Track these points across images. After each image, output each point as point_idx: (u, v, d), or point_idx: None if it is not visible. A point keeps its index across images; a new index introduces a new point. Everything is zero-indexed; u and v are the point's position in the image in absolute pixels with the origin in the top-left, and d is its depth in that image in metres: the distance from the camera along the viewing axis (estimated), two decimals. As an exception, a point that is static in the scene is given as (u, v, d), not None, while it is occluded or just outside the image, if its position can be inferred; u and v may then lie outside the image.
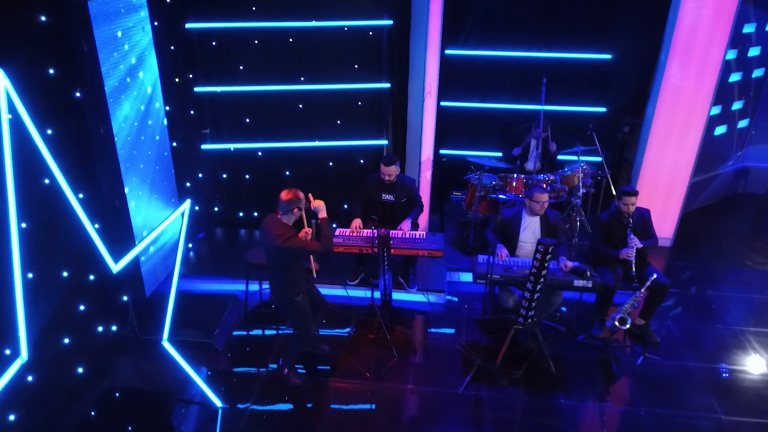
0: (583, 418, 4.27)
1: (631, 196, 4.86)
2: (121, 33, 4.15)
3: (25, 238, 3.26)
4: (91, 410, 4.16)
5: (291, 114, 6.14)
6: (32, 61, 3.64)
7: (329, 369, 4.71)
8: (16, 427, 3.58)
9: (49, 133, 3.84)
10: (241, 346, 5.01)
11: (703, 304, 5.70)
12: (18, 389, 3.58)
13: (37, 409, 3.79)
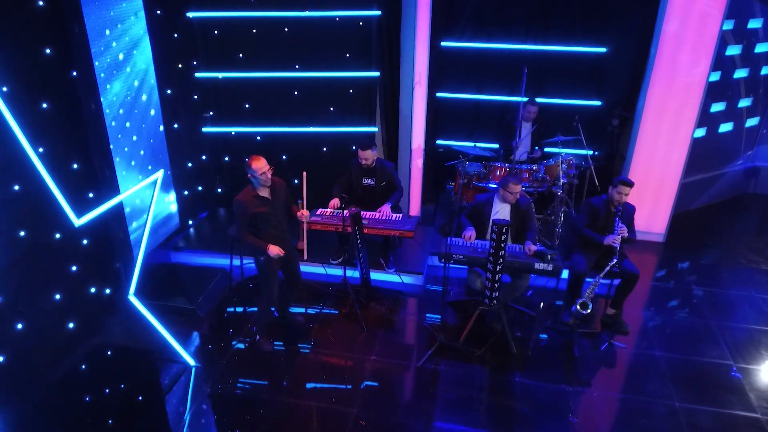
0: (534, 395, 4.39)
1: (627, 186, 4.91)
2: (112, 18, 4.54)
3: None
4: (73, 363, 4.56)
5: (287, 100, 6.45)
6: (30, 41, 4.05)
7: (300, 338, 4.98)
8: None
9: (44, 107, 4.25)
10: (222, 314, 5.34)
11: (684, 299, 5.69)
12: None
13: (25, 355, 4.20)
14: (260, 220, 4.39)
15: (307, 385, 4.47)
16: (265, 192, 4.38)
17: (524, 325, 5.19)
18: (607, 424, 4.13)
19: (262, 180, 4.27)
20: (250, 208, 4.32)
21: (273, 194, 4.44)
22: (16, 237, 4.05)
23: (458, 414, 4.21)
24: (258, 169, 4.23)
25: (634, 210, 5.15)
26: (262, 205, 4.36)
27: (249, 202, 4.32)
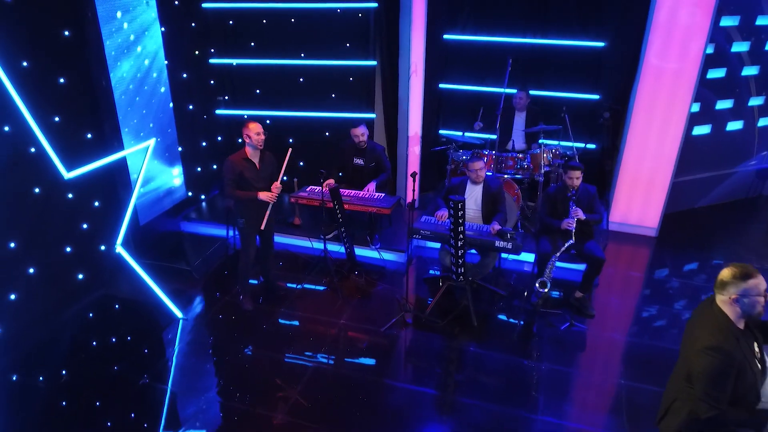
0: (485, 364, 4.65)
1: (576, 170, 5.10)
2: (123, 4, 5.14)
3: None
4: (78, 309, 5.19)
5: (294, 87, 6.93)
6: (49, 23, 4.68)
7: (280, 301, 5.43)
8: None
9: (61, 82, 4.88)
10: (215, 277, 5.86)
11: (660, 289, 5.75)
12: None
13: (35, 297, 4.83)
14: (244, 184, 4.83)
15: (279, 340, 4.91)
16: (255, 157, 4.84)
17: (491, 302, 5.43)
18: (547, 394, 4.33)
19: (256, 141, 4.72)
20: (238, 168, 4.77)
21: (261, 163, 4.89)
22: (32, 193, 4.68)
23: (407, 373, 4.53)
24: (253, 129, 4.69)
25: (594, 191, 5.27)
26: (249, 170, 4.82)
27: (238, 162, 4.79)
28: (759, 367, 2.69)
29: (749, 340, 2.70)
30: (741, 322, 2.67)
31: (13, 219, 4.55)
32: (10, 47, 4.32)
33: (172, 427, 4.02)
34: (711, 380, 2.56)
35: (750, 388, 2.65)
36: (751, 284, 2.58)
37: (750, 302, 2.59)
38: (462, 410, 4.17)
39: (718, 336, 2.60)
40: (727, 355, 2.56)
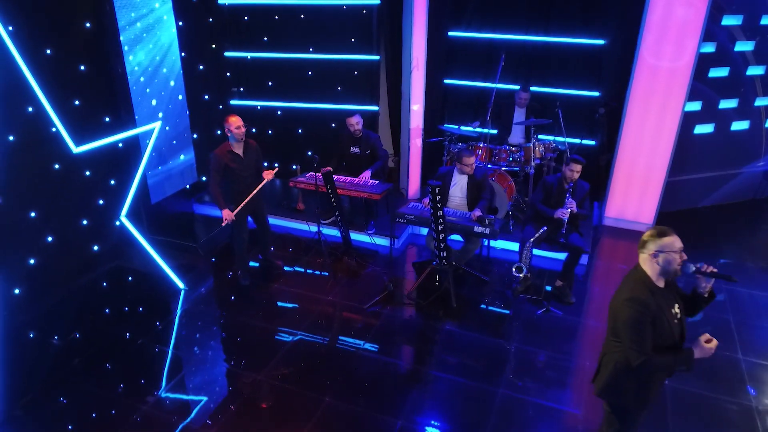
0: (457, 341, 4.90)
1: (578, 164, 5.26)
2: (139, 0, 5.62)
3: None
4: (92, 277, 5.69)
5: (303, 79, 7.31)
6: (71, 15, 5.18)
7: (275, 278, 5.81)
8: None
9: (82, 69, 5.38)
10: (219, 255, 6.29)
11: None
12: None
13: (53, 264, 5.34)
14: (230, 175, 5.21)
15: (269, 312, 5.28)
16: (238, 149, 5.21)
17: (473, 287, 5.65)
18: (512, 371, 4.55)
19: (237, 135, 5.10)
20: (223, 161, 5.14)
21: (245, 153, 5.26)
22: (52, 168, 5.18)
23: (384, 346, 4.82)
24: (233, 123, 5.06)
25: (588, 188, 5.43)
26: (233, 161, 5.19)
27: (223, 155, 5.16)
28: (677, 323, 2.89)
29: (669, 299, 2.91)
30: (660, 280, 2.88)
31: (35, 191, 5.05)
32: (35, 36, 4.83)
33: (169, 381, 4.43)
34: (632, 328, 2.79)
35: (666, 343, 2.85)
36: (666, 241, 2.82)
37: (666, 258, 2.81)
38: (429, 381, 4.43)
39: (635, 289, 2.84)
40: (642, 304, 2.78)
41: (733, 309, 5.33)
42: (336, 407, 4.17)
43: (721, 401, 4.24)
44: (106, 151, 5.47)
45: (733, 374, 4.50)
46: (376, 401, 4.22)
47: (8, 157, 4.67)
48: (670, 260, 2.82)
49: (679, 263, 2.84)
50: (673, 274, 2.86)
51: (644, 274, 2.89)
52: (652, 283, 2.87)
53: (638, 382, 2.96)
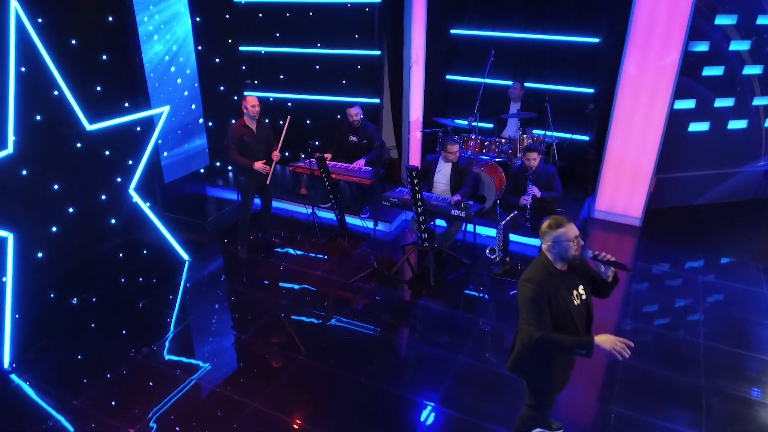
0: (428, 314, 5.26)
1: (532, 152, 5.58)
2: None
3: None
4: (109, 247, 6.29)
5: (311, 73, 7.78)
6: (94, 9, 5.79)
7: (272, 253, 6.29)
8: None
9: (104, 58, 5.99)
10: (224, 232, 6.81)
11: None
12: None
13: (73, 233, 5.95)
14: (243, 148, 5.75)
15: (263, 283, 5.77)
16: (252, 125, 5.77)
17: (453, 269, 5.98)
18: (475, 342, 4.87)
19: (252, 112, 5.69)
20: (239, 133, 5.73)
21: (258, 129, 5.79)
22: (75, 146, 5.79)
23: (360, 315, 5.23)
24: (249, 101, 5.70)
25: (553, 170, 5.70)
26: (247, 135, 5.75)
27: (239, 128, 5.75)
28: (577, 305, 3.13)
29: (571, 282, 3.15)
30: (560, 264, 3.12)
31: (58, 166, 5.67)
32: (62, 28, 5.44)
33: (173, 339, 4.96)
34: (530, 306, 3.05)
35: (566, 322, 3.09)
36: (561, 232, 3.05)
37: (562, 246, 3.06)
38: (395, 346, 4.81)
39: (533, 270, 3.11)
40: (538, 284, 3.03)
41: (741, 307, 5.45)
42: (308, 364, 4.60)
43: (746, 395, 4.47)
44: (125, 134, 6.05)
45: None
46: (345, 361, 4.63)
47: (34, 134, 5.28)
48: (566, 248, 3.03)
49: (576, 250, 3.05)
50: (571, 260, 3.09)
51: (546, 258, 3.11)
52: (552, 267, 3.09)
53: (540, 358, 3.21)
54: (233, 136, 5.77)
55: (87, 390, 4.32)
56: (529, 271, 3.13)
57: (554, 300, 3.04)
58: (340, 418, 4.07)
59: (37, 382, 4.42)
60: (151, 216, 5.89)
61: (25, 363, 4.62)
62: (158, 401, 4.21)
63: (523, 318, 3.12)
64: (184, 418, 4.06)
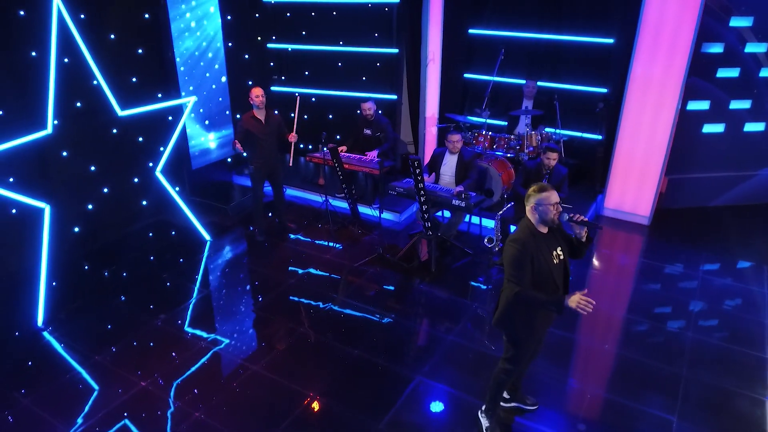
0: (425, 297, 5.56)
1: (553, 152, 5.78)
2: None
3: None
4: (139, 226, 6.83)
5: (334, 70, 8.17)
6: (133, 6, 6.34)
7: (286, 237, 6.70)
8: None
9: (140, 52, 6.53)
10: (244, 216, 7.26)
11: (620, 266, 6.21)
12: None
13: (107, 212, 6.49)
14: (252, 138, 6.16)
15: (275, 263, 6.19)
16: (260, 115, 6.16)
17: (458, 259, 6.24)
18: (467, 323, 5.12)
19: (256, 102, 6.07)
20: (246, 124, 6.13)
21: (266, 120, 6.19)
22: (111, 132, 6.33)
23: (360, 293, 5.56)
24: (253, 92, 6.08)
25: (565, 172, 5.89)
26: (255, 125, 6.14)
27: (247, 120, 6.15)
28: (556, 264, 3.42)
29: (551, 243, 3.45)
30: (542, 227, 3.43)
31: (95, 149, 6.22)
32: (102, 23, 5.99)
33: (188, 309, 5.43)
34: (512, 264, 3.35)
35: (546, 279, 3.39)
36: (543, 196, 3.37)
37: (543, 209, 3.36)
38: (390, 323, 5.12)
39: (519, 233, 3.42)
40: (522, 245, 3.34)
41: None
42: (307, 335, 4.97)
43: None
44: (157, 122, 6.57)
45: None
46: (341, 335, 4.97)
47: (75, 119, 5.84)
48: (546, 211, 3.36)
49: (554, 214, 3.37)
50: (550, 223, 3.41)
51: (529, 221, 3.44)
52: (534, 229, 3.42)
53: (521, 314, 3.51)
54: (239, 126, 6.19)
55: (108, 348, 4.80)
56: (516, 233, 3.45)
57: (536, 259, 3.36)
58: (332, 383, 4.41)
59: (65, 339, 4.93)
60: (176, 198, 6.38)
61: (56, 323, 5.15)
62: (170, 361, 4.65)
63: (506, 276, 3.43)
64: (191, 376, 4.48)
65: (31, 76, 5.26)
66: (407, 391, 4.33)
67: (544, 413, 4.13)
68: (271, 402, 4.24)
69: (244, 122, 6.15)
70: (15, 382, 4.40)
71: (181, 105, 6.39)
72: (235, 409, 4.16)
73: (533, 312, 3.52)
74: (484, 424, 3.93)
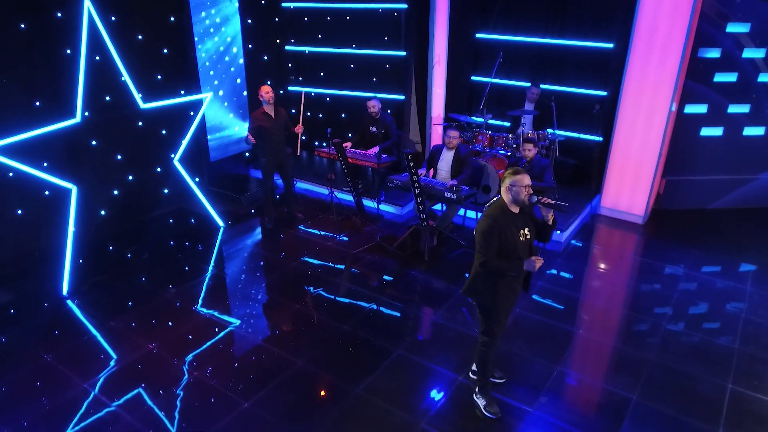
0: (415, 282, 5.92)
1: (528, 143, 6.12)
2: (210, 1, 7.27)
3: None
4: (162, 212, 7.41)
5: (347, 71, 8.64)
6: (159, 10, 6.93)
7: (293, 225, 7.18)
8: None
9: (165, 52, 7.12)
10: (257, 206, 7.77)
11: (606, 259, 6.46)
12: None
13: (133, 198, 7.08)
14: (262, 132, 6.66)
15: (281, 248, 6.66)
16: (269, 110, 6.67)
17: (451, 250, 6.59)
18: (451, 306, 5.47)
19: (266, 99, 6.58)
20: (257, 120, 6.64)
21: (275, 115, 6.69)
22: (136, 125, 6.93)
23: (358, 279, 5.97)
24: (263, 90, 6.60)
25: (546, 163, 6.20)
26: (265, 120, 6.65)
27: (258, 116, 6.66)
28: (522, 241, 3.77)
29: (520, 222, 3.80)
30: (513, 206, 3.78)
31: (123, 140, 6.82)
32: (131, 25, 6.59)
33: (198, 285, 5.95)
34: (482, 235, 3.73)
35: (511, 253, 3.75)
36: (517, 178, 3.72)
37: (516, 190, 3.72)
38: (379, 304, 5.51)
39: (492, 209, 3.80)
40: (493, 219, 3.72)
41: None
42: (302, 311, 5.41)
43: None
44: (179, 116, 7.13)
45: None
46: (333, 312, 5.39)
47: (104, 111, 6.43)
48: (518, 192, 3.72)
49: (524, 195, 3.73)
50: (521, 203, 3.77)
51: (503, 201, 3.81)
52: (506, 207, 3.79)
53: (488, 282, 3.86)
54: (252, 123, 6.72)
55: (122, 316, 5.34)
56: (489, 209, 3.85)
57: (503, 234, 3.74)
58: (320, 352, 4.84)
59: (86, 307, 5.50)
60: (193, 186, 6.92)
61: (79, 293, 5.72)
62: (176, 328, 5.15)
63: (476, 247, 3.82)
64: (195, 340, 4.97)
65: (65, 71, 5.86)
66: (386, 362, 4.71)
67: (511, 386, 4.46)
68: (263, 366, 4.69)
69: (255, 118, 6.66)
70: (40, 342, 4.97)
71: (200, 100, 6.92)
72: (229, 371, 4.62)
73: (497, 281, 3.86)
74: (480, 403, 4.22)
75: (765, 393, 4.37)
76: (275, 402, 4.30)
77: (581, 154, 7.85)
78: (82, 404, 4.28)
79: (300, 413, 4.20)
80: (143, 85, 6.48)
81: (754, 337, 5.00)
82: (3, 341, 4.99)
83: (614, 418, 4.14)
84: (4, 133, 5.21)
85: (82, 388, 4.43)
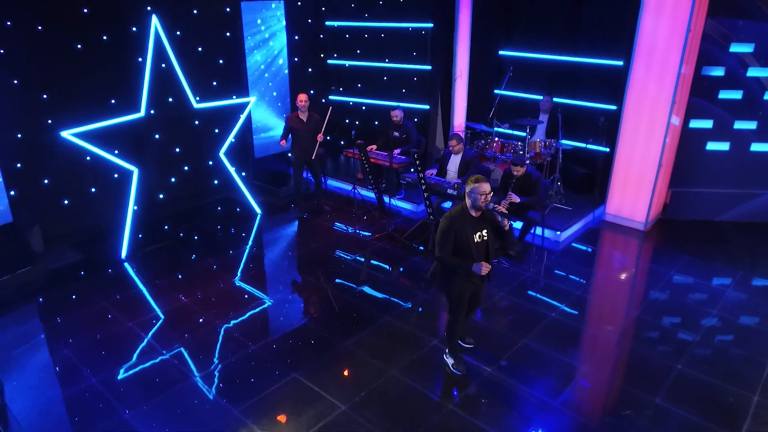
0: (415, 267, 6.70)
1: (516, 166, 6.71)
2: (260, 19, 8.43)
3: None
4: (208, 201, 8.58)
5: (380, 83, 9.58)
6: (218, 27, 8.15)
7: (321, 214, 8.15)
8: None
9: (221, 62, 8.32)
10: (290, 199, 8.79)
11: (603, 261, 6.97)
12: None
13: (184, 186, 8.28)
14: (294, 133, 7.68)
15: (310, 233, 7.65)
16: (303, 116, 7.68)
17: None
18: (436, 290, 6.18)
19: (300, 106, 7.58)
20: (291, 123, 7.67)
21: (307, 120, 7.69)
22: (193, 123, 8.13)
23: (366, 260, 6.83)
24: (299, 97, 7.59)
25: (535, 177, 6.74)
26: (297, 123, 7.66)
27: (292, 118, 7.69)
28: (477, 242, 4.32)
29: (478, 225, 4.35)
30: (474, 210, 4.33)
31: (181, 135, 8.04)
32: (192, 38, 7.83)
33: (233, 259, 7.01)
34: (440, 234, 4.34)
35: (465, 252, 4.32)
36: (476, 186, 4.24)
37: (474, 197, 4.27)
38: (380, 282, 6.33)
39: (453, 210, 4.39)
40: (451, 220, 4.30)
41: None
42: (317, 284, 6.33)
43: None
44: (229, 118, 8.26)
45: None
46: (341, 287, 6.26)
47: (167, 110, 7.66)
48: (476, 198, 4.27)
49: (482, 202, 4.28)
50: (479, 208, 4.33)
51: (464, 204, 4.41)
52: (466, 211, 4.36)
53: (445, 272, 4.52)
54: (287, 123, 7.76)
55: (166, 276, 6.44)
56: (450, 210, 4.46)
57: (459, 234, 4.31)
58: (321, 314, 5.71)
59: (139, 268, 6.66)
60: (235, 177, 8.03)
61: (135, 258, 6.90)
62: (210, 291, 6.19)
63: (435, 242, 4.44)
64: (221, 299, 5.98)
65: (137, 76, 7.11)
66: (374, 325, 5.51)
67: (478, 351, 5.14)
68: (272, 321, 5.63)
69: (290, 120, 7.70)
70: (100, 291, 6.13)
71: (244, 103, 8.04)
72: (243, 321, 5.58)
73: (451, 273, 4.50)
74: (449, 361, 4.90)
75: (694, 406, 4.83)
76: (278, 346, 5.21)
77: (589, 164, 8.37)
78: (126, 338, 5.35)
79: (297, 358, 5.07)
80: (201, 90, 7.67)
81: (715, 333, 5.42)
82: (72, 289, 6.19)
83: (562, 383, 4.74)
84: (87, 122, 6.46)
85: (127, 326, 5.51)
